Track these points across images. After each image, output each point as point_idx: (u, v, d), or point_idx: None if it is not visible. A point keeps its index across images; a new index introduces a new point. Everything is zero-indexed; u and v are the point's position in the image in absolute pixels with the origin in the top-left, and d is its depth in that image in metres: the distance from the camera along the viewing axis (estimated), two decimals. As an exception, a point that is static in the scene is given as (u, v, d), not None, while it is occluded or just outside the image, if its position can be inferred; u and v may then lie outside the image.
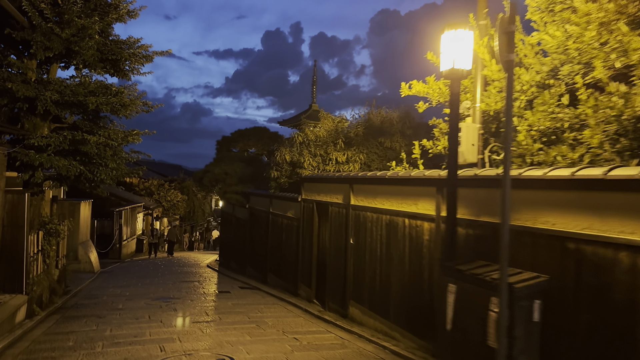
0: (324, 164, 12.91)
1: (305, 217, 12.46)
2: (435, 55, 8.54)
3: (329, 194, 11.07)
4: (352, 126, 13.43)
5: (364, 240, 9.23)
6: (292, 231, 13.47)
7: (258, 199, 17.36)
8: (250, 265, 18.07)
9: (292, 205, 13.52)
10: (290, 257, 13.64)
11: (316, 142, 13.50)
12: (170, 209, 39.60)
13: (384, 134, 13.10)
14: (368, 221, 9.10)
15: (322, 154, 13.00)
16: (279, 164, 14.56)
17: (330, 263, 10.87)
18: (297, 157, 13.64)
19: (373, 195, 8.99)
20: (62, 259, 14.34)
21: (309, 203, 12.26)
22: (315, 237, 11.90)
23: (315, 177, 11.98)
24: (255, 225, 17.56)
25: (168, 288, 14.55)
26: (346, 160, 12.64)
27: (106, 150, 10.37)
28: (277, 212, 14.97)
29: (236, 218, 20.86)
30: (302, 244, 12.62)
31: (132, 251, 30.80)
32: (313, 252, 11.94)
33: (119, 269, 21.40)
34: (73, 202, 20.02)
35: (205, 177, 22.31)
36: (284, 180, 14.14)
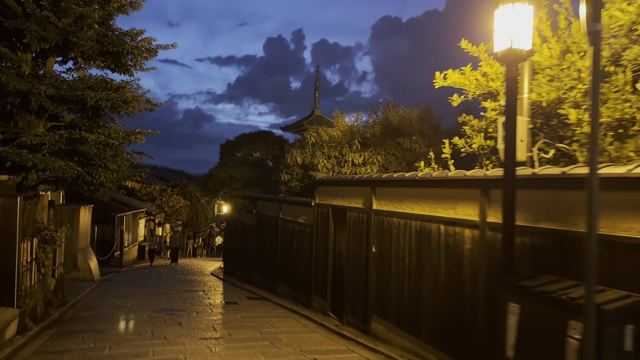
0: (339, 166, 12.08)
1: (320, 223, 11.61)
2: (471, 43, 7.72)
3: (346, 198, 10.23)
4: (368, 126, 12.60)
5: (389, 249, 8.38)
6: (305, 238, 12.62)
7: (266, 204, 16.51)
8: (258, 274, 17.21)
9: (304, 210, 12.68)
10: (302, 265, 12.78)
11: (330, 143, 12.68)
12: (172, 215, 38.81)
13: (402, 134, 12.27)
14: (394, 227, 8.25)
15: (336, 155, 12.18)
16: (289, 166, 13.73)
17: (348, 273, 10.02)
18: (310, 159, 12.82)
19: (400, 199, 8.14)
20: (60, 267, 13.51)
21: (323, 208, 11.42)
22: (330, 244, 11.05)
23: (330, 180, 11.15)
24: (263, 231, 16.72)
25: (172, 298, 13.70)
26: (363, 162, 11.80)
27: (106, 151, 9.54)
28: (287, 218, 14.12)
29: (242, 224, 20.00)
30: (316, 252, 11.77)
31: (134, 258, 29.96)
32: (328, 260, 11.08)
33: (120, 277, 20.55)
34: (72, 207, 19.19)
35: (209, 181, 21.49)
36: (295, 183, 13.31)
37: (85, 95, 8.75)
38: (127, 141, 9.99)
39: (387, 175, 8.65)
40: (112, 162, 9.80)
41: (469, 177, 6.31)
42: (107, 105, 9.15)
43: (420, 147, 12.13)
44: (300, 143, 14.14)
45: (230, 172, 20.28)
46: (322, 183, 11.60)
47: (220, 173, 20.51)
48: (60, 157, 9.30)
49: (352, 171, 11.71)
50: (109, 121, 10.85)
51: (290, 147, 13.99)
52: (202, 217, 44.82)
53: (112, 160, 9.86)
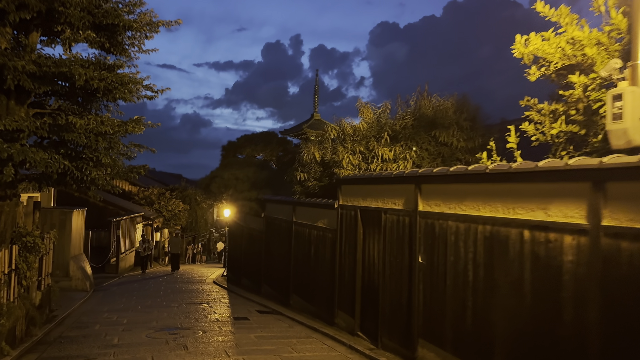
0: (365, 163, 10.58)
1: (345, 228, 10.10)
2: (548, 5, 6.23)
3: (381, 198, 8.72)
4: (397, 117, 11.09)
5: (443, 259, 6.86)
6: (326, 245, 11.10)
7: (277, 207, 14.98)
8: (267, 284, 15.67)
9: (324, 213, 11.17)
10: (322, 276, 11.26)
11: (354, 136, 11.19)
12: (171, 219, 37.27)
13: (436, 127, 10.78)
14: (450, 233, 6.74)
15: (362, 150, 10.67)
16: (305, 164, 12.23)
17: (384, 287, 8.50)
18: (330, 155, 11.31)
19: (459, 198, 6.63)
20: (47, 277, 11.96)
21: (349, 210, 9.91)
22: (359, 252, 9.53)
23: (359, 178, 9.63)
24: (274, 237, 15.18)
25: (173, 312, 12.15)
26: (394, 158, 10.30)
27: (98, 141, 8.02)
28: (303, 222, 12.60)
29: (248, 229, 18.46)
30: (340, 261, 10.25)
31: (131, 265, 28.38)
32: (357, 271, 9.56)
33: (115, 287, 18.99)
34: (64, 211, 17.64)
35: (213, 183, 20.02)
36: (313, 183, 11.81)
37: (73, 72, 7.22)
38: (123, 130, 8.47)
39: (440, 169, 7.13)
40: (105, 155, 8.27)
41: (574, 167, 4.79)
42: (99, 86, 7.63)
43: (458, 141, 10.64)
44: (318, 138, 12.62)
45: (235, 173, 18.81)
46: (347, 181, 10.09)
47: (225, 174, 19.05)
48: (43, 149, 7.78)
49: (382, 168, 10.20)
50: (103, 110, 9.35)
51: (307, 143, 12.46)
52: (202, 221, 43.24)
53: (106, 154, 8.34)
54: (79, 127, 7.41)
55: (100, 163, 8.25)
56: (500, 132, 11.93)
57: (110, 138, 8.36)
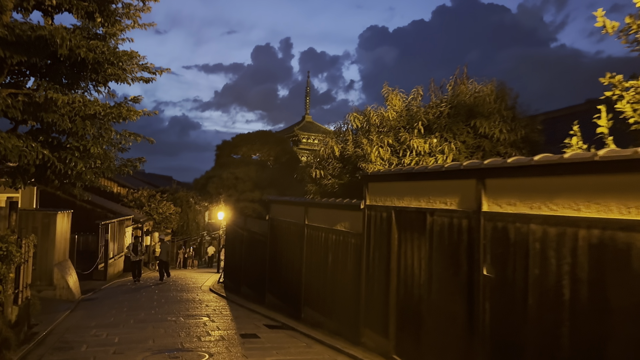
0: (396, 156, 9.19)
1: (374, 232, 8.69)
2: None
3: (425, 196, 7.32)
4: (431, 105, 9.69)
5: (522, 273, 5.47)
6: (348, 251, 9.68)
7: (285, 208, 13.54)
8: (272, 294, 14.20)
9: (346, 215, 9.76)
10: (343, 287, 9.84)
11: (380, 127, 9.79)
12: (162, 222, 35.72)
13: (474, 116, 9.42)
14: (534, 240, 5.34)
15: (391, 142, 9.27)
16: (322, 159, 10.80)
17: (430, 303, 7.10)
18: (353, 149, 9.91)
19: (546, 195, 5.24)
20: (26, 289, 10.44)
21: (380, 211, 8.50)
22: (393, 261, 8.11)
23: (394, 174, 8.21)
24: (280, 241, 13.73)
25: (171, 328, 10.66)
26: (429, 151, 8.92)
27: (86, 126, 6.54)
28: (317, 225, 11.16)
29: (250, 232, 16.99)
30: (368, 270, 8.83)
31: (120, 270, 26.78)
32: (390, 283, 8.14)
33: (104, 296, 17.41)
34: (48, 213, 16.08)
35: (209, 183, 18.52)
36: (331, 181, 10.39)
37: (55, 35, 5.74)
38: (116, 114, 6.98)
39: (517, 159, 5.72)
40: (94, 144, 6.80)
41: None
42: (88, 57, 6.15)
43: (501, 133, 9.28)
44: (336, 130, 11.20)
45: (235, 172, 17.38)
46: (378, 178, 8.68)
47: (223, 174, 17.60)
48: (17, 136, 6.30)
49: (418, 162, 8.80)
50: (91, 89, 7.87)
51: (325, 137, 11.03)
52: (194, 224, 41.66)
53: (95, 142, 6.87)
54: (62, 105, 5.93)
55: (87, 154, 6.79)
56: (544, 124, 10.64)
57: (100, 123, 6.89)
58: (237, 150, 26.44)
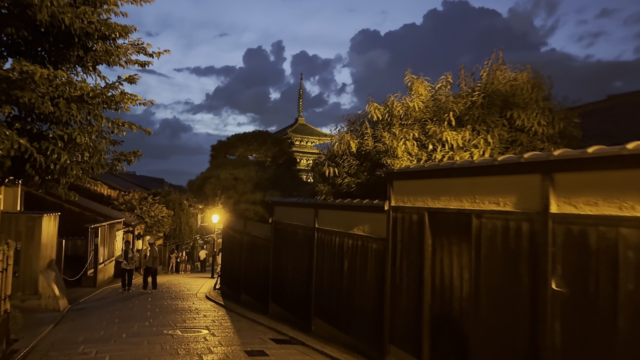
0: (424, 150, 8.16)
1: (402, 237, 7.64)
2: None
3: (468, 195, 6.29)
4: (461, 95, 8.66)
5: (610, 288, 4.44)
6: (367, 258, 8.63)
7: (291, 210, 12.48)
8: (277, 303, 13.12)
9: (366, 217, 8.72)
10: (362, 298, 8.79)
11: (404, 119, 8.77)
12: (153, 226, 34.60)
13: (509, 107, 8.41)
14: (625, 247, 4.32)
15: (417, 136, 8.23)
16: (336, 156, 9.76)
17: (478, 321, 6.06)
18: (373, 144, 8.87)
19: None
20: (5, 301, 9.30)
21: (409, 213, 7.46)
22: (427, 270, 7.07)
23: (428, 170, 7.16)
24: (286, 246, 12.66)
25: (168, 344, 9.56)
26: (462, 145, 7.89)
27: (71, 110, 5.45)
28: (330, 229, 10.12)
29: (250, 236, 15.90)
30: (394, 280, 7.78)
31: (110, 277, 25.57)
32: (423, 296, 7.10)
33: (94, 305, 16.23)
34: (32, 216, 14.94)
35: (206, 184, 17.36)
36: (347, 180, 9.34)
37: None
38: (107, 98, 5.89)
39: (599, 149, 4.68)
40: (81, 132, 5.70)
41: None
42: (74, 24, 5.06)
43: (540, 126, 8.27)
44: (351, 123, 10.16)
45: (234, 172, 16.30)
46: (405, 175, 7.64)
47: (222, 174, 16.51)
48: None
49: (451, 157, 7.76)
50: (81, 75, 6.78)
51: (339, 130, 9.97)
52: (186, 228, 40.48)
53: (82, 131, 5.77)
54: (40, 81, 4.84)
55: (73, 144, 5.71)
56: (581, 118, 9.65)
57: (88, 108, 5.80)
58: (233, 151, 25.27)
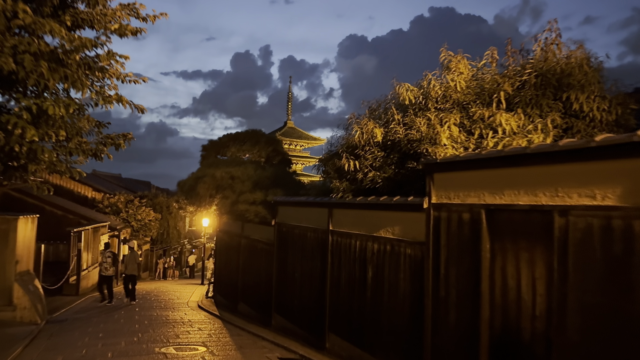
0: (468, 137, 6.86)
1: (447, 240, 6.34)
2: None
3: (548, 187, 5.00)
4: (509, 73, 7.37)
5: None
6: (400, 265, 7.32)
7: (299, 211, 11.14)
8: (282, 315, 11.75)
9: (397, 217, 7.41)
10: (393, 313, 7.48)
11: (441, 102, 7.48)
12: (140, 230, 33.09)
13: (563, 88, 7.15)
14: None
15: (458, 121, 6.93)
16: (355, 147, 8.46)
17: (560, 345, 4.75)
18: (404, 132, 7.57)
19: None
20: (-33, 317, 7.87)
21: (457, 212, 6.16)
22: (484, 282, 5.76)
23: (485, 159, 5.83)
24: (293, 251, 11.30)
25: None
26: (517, 131, 6.61)
27: (39, 68, 4.05)
28: (348, 231, 8.80)
29: (249, 240, 14.52)
30: (437, 292, 6.47)
31: (94, 284, 23.88)
32: (480, 312, 5.79)
33: (75, 316, 14.72)
34: (7, 218, 13.41)
35: (199, 184, 15.96)
36: (372, 174, 8.02)
37: None
38: (90, 60, 4.50)
39: None
40: (55, 103, 4.31)
41: None
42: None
43: (599, 111, 7.02)
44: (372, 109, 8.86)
45: (230, 170, 14.96)
46: (451, 166, 6.33)
47: (217, 172, 15.17)
48: None
49: (507, 144, 6.46)
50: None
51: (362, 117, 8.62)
52: (174, 232, 38.96)
53: (57, 102, 4.37)
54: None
55: (45, 118, 4.30)
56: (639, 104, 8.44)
57: (64, 71, 4.41)
58: (225, 151, 23.82)
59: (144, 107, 5.72)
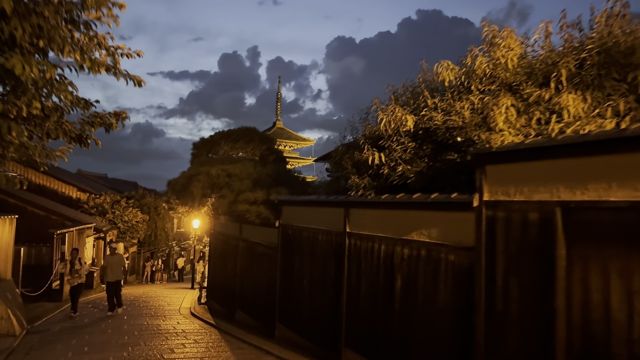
0: (528, 121, 5.79)
1: (506, 246, 5.27)
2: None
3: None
4: (565, 50, 6.30)
5: None
6: (439, 274, 6.24)
7: (308, 211, 10.04)
8: (287, 325, 10.63)
9: (435, 218, 6.35)
10: (430, 328, 6.40)
11: (486, 82, 6.42)
12: (127, 231, 31.82)
13: (626, 68, 6.11)
14: None
15: (512, 103, 5.86)
16: (380, 138, 7.38)
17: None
18: (443, 118, 6.49)
19: None
20: None
21: (521, 211, 5.11)
22: (560, 294, 4.71)
23: (561, 146, 4.77)
24: (300, 255, 10.20)
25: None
26: (583, 114, 5.56)
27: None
28: (370, 234, 7.72)
29: (248, 243, 13.38)
30: (492, 307, 5.40)
31: (79, 289, 22.67)
32: (555, 331, 4.73)
33: (58, 326, 13.46)
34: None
35: (192, 182, 14.81)
36: (401, 169, 6.94)
37: None
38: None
39: None
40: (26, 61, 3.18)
41: None
42: None
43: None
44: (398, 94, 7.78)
45: (227, 168, 13.83)
46: (510, 156, 5.27)
47: (212, 170, 14.02)
48: None
49: (578, 129, 5.40)
50: None
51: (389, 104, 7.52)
52: (162, 234, 37.65)
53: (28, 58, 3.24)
54: None
55: (13, 82, 3.17)
56: None
57: (37, 20, 3.29)
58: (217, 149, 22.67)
59: (141, 78, 4.64)
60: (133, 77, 4.53)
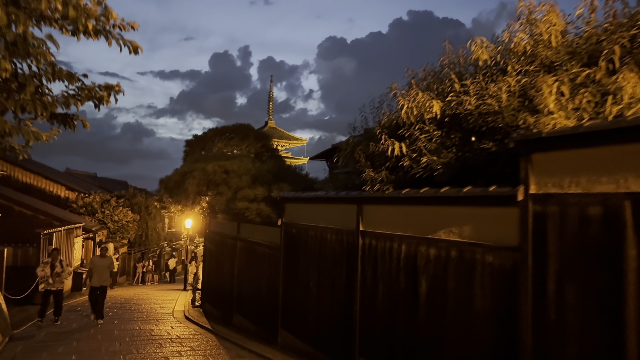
0: (579, 103, 5.09)
1: (558, 245, 4.57)
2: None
3: None
4: (609, 29, 5.61)
5: None
6: (474, 278, 5.55)
7: (314, 209, 9.31)
8: (291, 331, 9.90)
9: (469, 214, 5.65)
10: (464, 340, 5.70)
11: (524, 62, 5.73)
12: (117, 232, 30.95)
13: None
14: None
15: (555, 87, 5.15)
16: (400, 127, 6.68)
17: None
18: (475, 102, 5.79)
19: None
20: None
21: (578, 205, 4.42)
22: (630, 301, 4.02)
23: (633, 127, 4.10)
24: (306, 256, 9.47)
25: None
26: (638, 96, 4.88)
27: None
28: (388, 232, 7.01)
29: (246, 243, 12.63)
30: (542, 316, 4.70)
31: (67, 290, 21.81)
32: (625, 345, 4.03)
33: (42, 333, 12.60)
34: (-39, 218, 11.37)
35: (187, 179, 14.05)
36: (426, 160, 6.23)
37: None
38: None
39: None
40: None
41: None
42: None
43: None
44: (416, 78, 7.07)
45: (224, 164, 13.09)
46: (564, 142, 4.58)
47: (208, 166, 13.27)
48: None
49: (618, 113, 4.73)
50: None
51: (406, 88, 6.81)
52: (154, 234, 36.82)
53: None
54: None
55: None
56: None
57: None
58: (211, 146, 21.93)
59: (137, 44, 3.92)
60: (127, 42, 3.78)
